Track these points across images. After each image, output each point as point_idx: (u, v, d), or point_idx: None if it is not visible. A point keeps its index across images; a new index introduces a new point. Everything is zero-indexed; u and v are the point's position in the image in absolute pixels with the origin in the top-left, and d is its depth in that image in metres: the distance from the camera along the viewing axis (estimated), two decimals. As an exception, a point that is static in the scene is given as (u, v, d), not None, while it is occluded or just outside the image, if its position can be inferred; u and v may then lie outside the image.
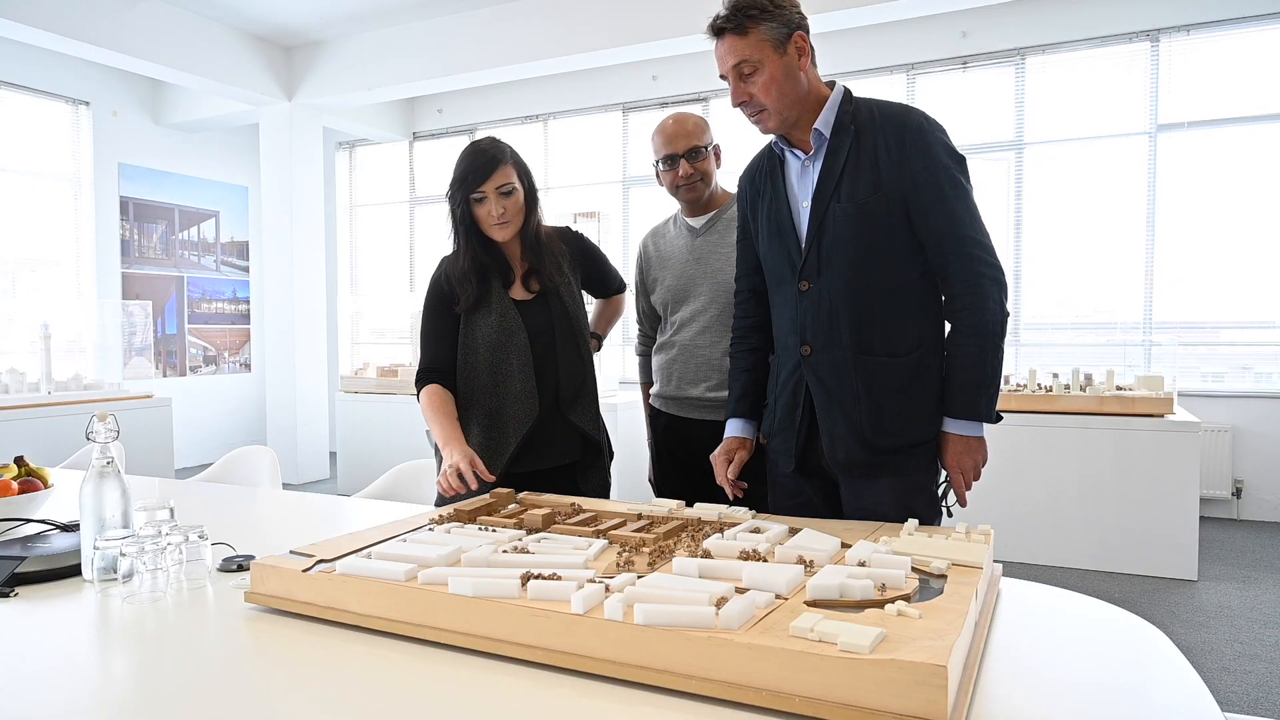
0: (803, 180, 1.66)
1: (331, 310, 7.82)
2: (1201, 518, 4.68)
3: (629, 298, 2.31)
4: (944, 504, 1.67)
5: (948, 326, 1.64)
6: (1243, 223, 5.19)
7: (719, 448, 1.83)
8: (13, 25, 4.91)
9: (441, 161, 7.75)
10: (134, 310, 6.97)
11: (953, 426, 1.60)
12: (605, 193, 7.02)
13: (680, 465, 2.21)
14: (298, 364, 6.70)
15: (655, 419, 2.26)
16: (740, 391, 1.85)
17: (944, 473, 1.65)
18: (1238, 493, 5.14)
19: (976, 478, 1.62)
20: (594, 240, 2.17)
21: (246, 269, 7.93)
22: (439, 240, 7.55)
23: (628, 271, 2.21)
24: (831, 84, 1.65)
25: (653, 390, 2.27)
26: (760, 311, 1.84)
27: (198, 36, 5.89)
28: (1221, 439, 5.10)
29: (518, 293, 1.95)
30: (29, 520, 1.66)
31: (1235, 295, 5.26)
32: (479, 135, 7.46)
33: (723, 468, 1.80)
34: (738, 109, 1.65)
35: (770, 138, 1.74)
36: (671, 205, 2.30)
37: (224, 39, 6.10)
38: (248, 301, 7.95)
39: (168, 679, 0.99)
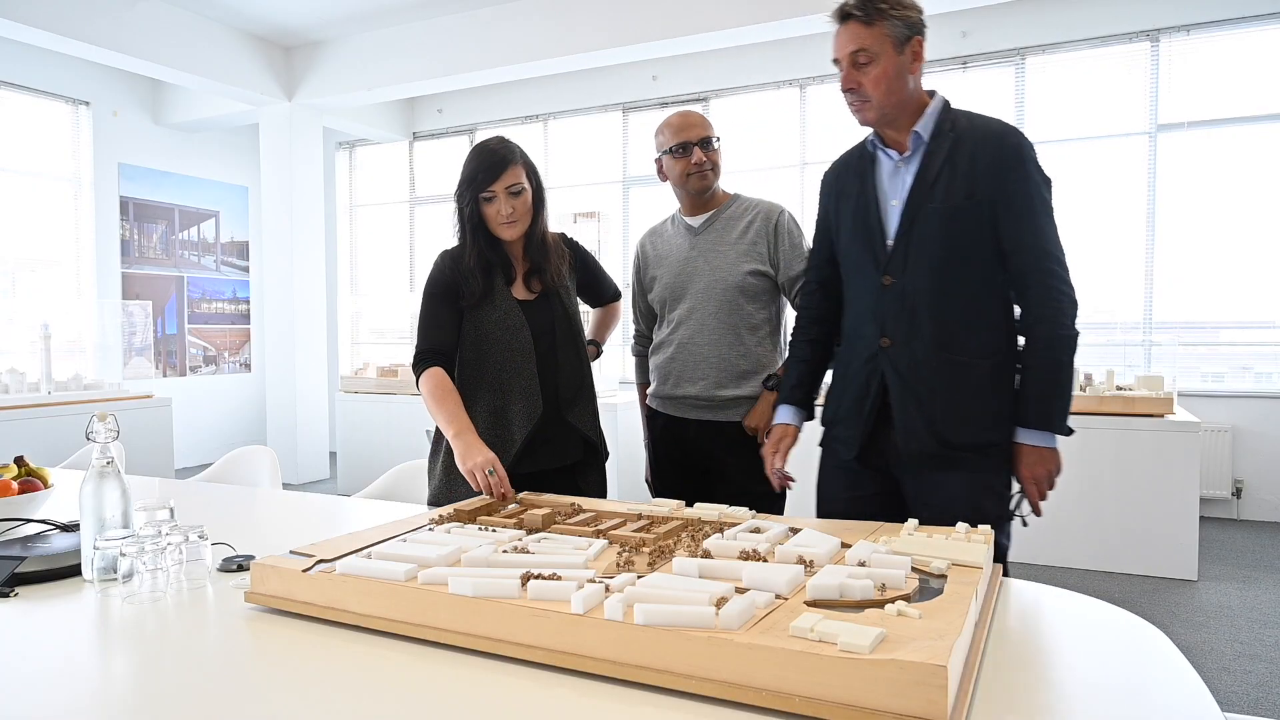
0: (894, 180, 1.72)
1: (331, 310, 7.82)
2: (1201, 518, 4.68)
3: (626, 298, 2.31)
4: (1018, 514, 1.70)
5: (1020, 340, 1.69)
6: (1243, 223, 5.19)
7: (769, 437, 1.88)
8: (13, 25, 4.91)
9: (441, 161, 7.75)
10: (134, 310, 6.97)
11: (1027, 437, 1.64)
12: (605, 193, 7.02)
13: (678, 465, 2.21)
14: (298, 364, 6.70)
15: (652, 419, 2.26)
16: (795, 380, 1.90)
17: (1016, 484, 1.67)
18: (1238, 493, 5.14)
19: (1051, 487, 1.65)
20: (593, 242, 2.18)
21: (246, 269, 7.93)
22: (439, 240, 7.56)
23: (628, 271, 2.21)
24: (932, 93, 1.72)
25: (650, 390, 2.27)
26: (825, 305, 1.88)
27: (198, 36, 5.89)
28: (1221, 439, 5.10)
29: (519, 292, 1.96)
30: (29, 520, 1.66)
31: (1235, 295, 5.25)
32: (479, 135, 7.48)
33: (772, 458, 1.85)
34: (845, 94, 1.70)
35: (864, 134, 1.79)
36: (670, 206, 2.31)
37: (224, 39, 6.10)
38: (248, 301, 7.95)
39: (168, 679, 0.99)
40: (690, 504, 1.55)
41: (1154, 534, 3.93)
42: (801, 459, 1.84)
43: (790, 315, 2.20)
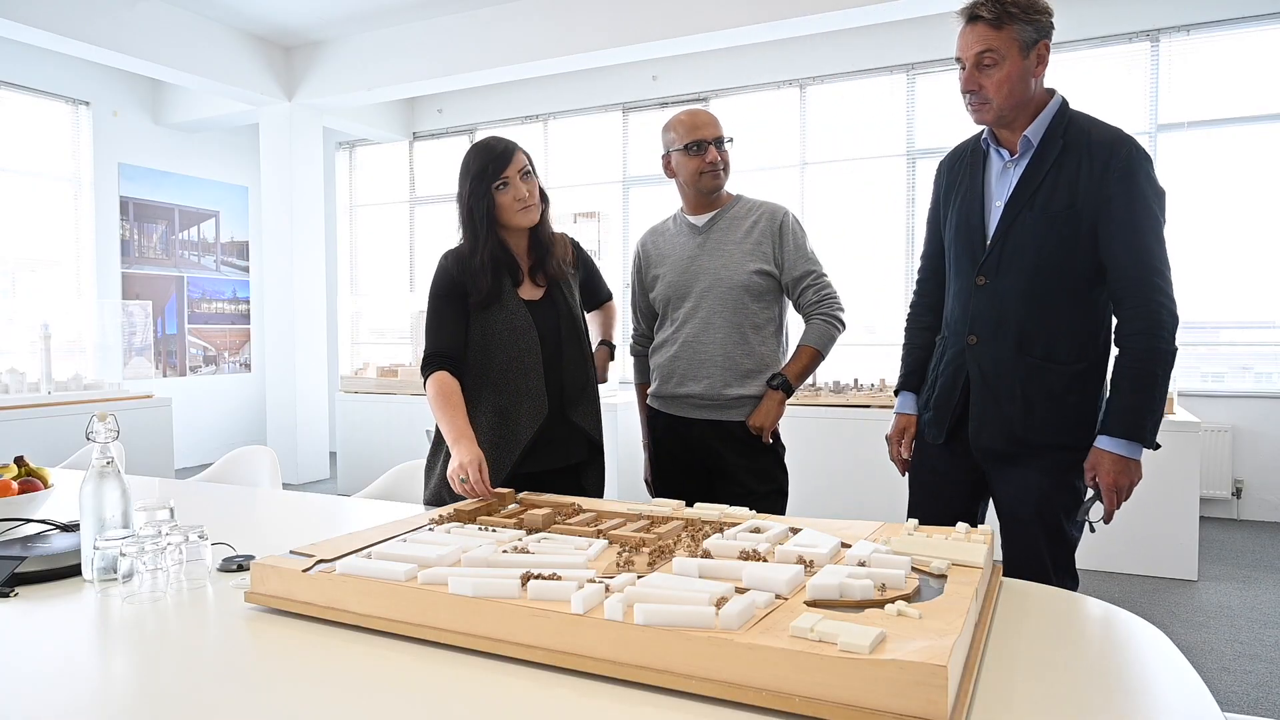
0: (1001, 180, 1.72)
1: (331, 310, 7.82)
2: (1201, 518, 4.68)
3: (625, 298, 2.31)
4: (1088, 519, 1.72)
5: (1114, 351, 1.69)
6: (1243, 223, 5.19)
7: (891, 426, 1.96)
8: (13, 25, 4.91)
9: (441, 161, 7.75)
10: (134, 310, 6.97)
11: (1112, 445, 1.63)
12: (605, 193, 7.01)
13: (680, 465, 2.20)
14: (298, 364, 6.70)
15: (654, 419, 2.26)
16: (911, 366, 1.95)
17: (1090, 490, 1.69)
18: (1238, 493, 5.14)
19: (1127, 497, 1.66)
20: (593, 242, 2.19)
21: (246, 269, 7.92)
22: (439, 240, 7.56)
23: (628, 270, 2.21)
24: (1051, 92, 1.71)
25: (651, 390, 2.26)
26: (936, 293, 1.91)
27: (198, 36, 5.89)
28: (1221, 439, 5.10)
29: (526, 292, 1.96)
30: (29, 520, 1.66)
31: (1235, 295, 5.25)
32: (479, 135, 7.47)
33: (896, 447, 1.95)
34: (964, 94, 1.69)
35: (979, 130, 1.80)
36: (670, 205, 2.31)
37: (224, 39, 6.10)
38: (248, 301, 7.95)
39: (168, 679, 0.99)
40: (691, 504, 1.55)
41: (1154, 534, 3.93)
42: (803, 458, 1.85)
43: (792, 315, 2.20)
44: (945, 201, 1.85)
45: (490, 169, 1.86)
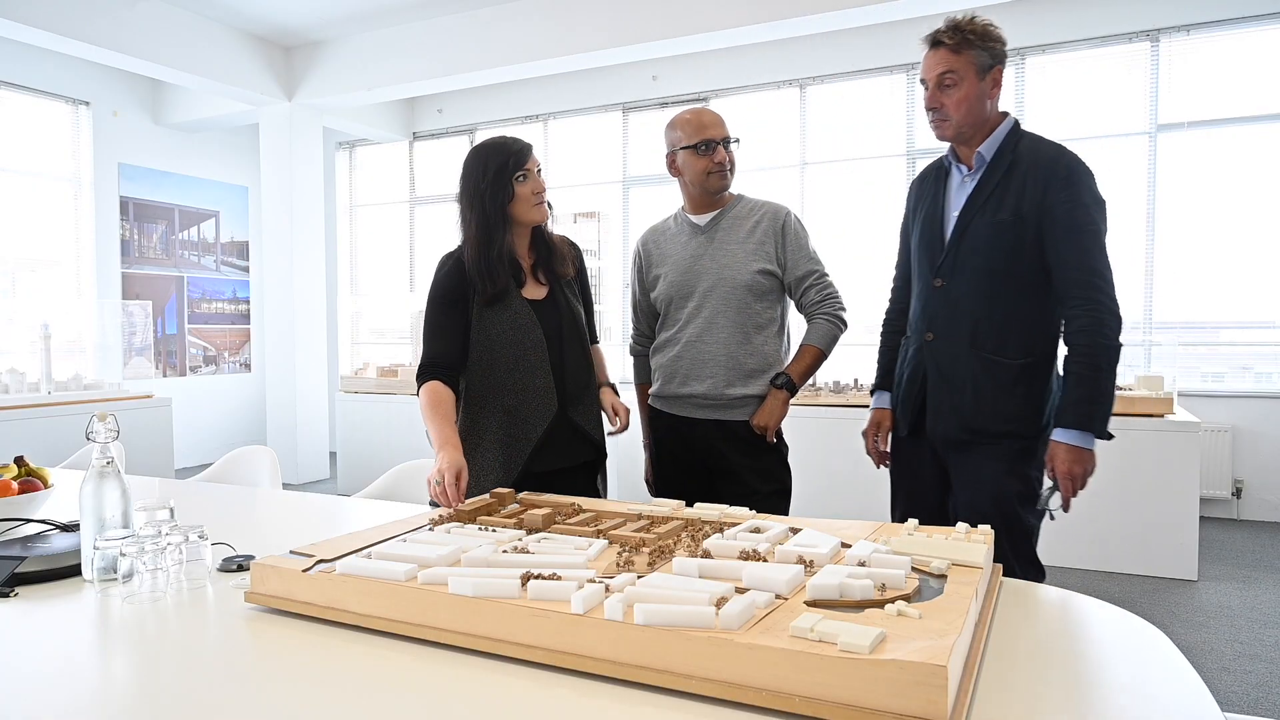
0: (959, 192, 1.92)
1: (331, 310, 7.82)
2: (1201, 518, 4.68)
3: (625, 299, 2.31)
4: (1047, 507, 1.84)
5: (1063, 349, 1.84)
6: (1243, 223, 5.19)
7: (867, 421, 2.11)
8: (13, 25, 4.91)
9: (441, 161, 7.75)
10: (134, 310, 6.97)
11: (1065, 436, 1.78)
12: (605, 193, 7.01)
13: (682, 465, 2.20)
14: (298, 364, 6.70)
15: (655, 419, 2.25)
16: (886, 366, 2.13)
17: (1049, 481, 1.82)
18: (1238, 493, 5.14)
19: (1083, 486, 1.79)
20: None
21: (246, 269, 7.92)
22: (439, 240, 7.56)
23: (627, 270, 2.21)
24: (1005, 114, 1.90)
25: (653, 390, 2.25)
26: (907, 299, 2.08)
27: (198, 36, 5.89)
28: (1221, 439, 5.10)
29: (529, 291, 1.96)
30: (29, 520, 1.66)
31: (1235, 295, 5.25)
32: (479, 135, 7.47)
33: (871, 440, 2.10)
34: (927, 112, 1.90)
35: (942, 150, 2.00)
36: (670, 204, 2.30)
37: (224, 39, 6.10)
38: (248, 301, 7.95)
39: (168, 679, 0.99)
40: (691, 504, 1.55)
41: (1154, 534, 3.93)
42: (804, 459, 1.86)
43: (795, 316, 2.21)
44: (913, 214, 2.03)
45: (512, 162, 1.87)
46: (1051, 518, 1.86)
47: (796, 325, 2.21)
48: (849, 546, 1.23)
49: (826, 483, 4.46)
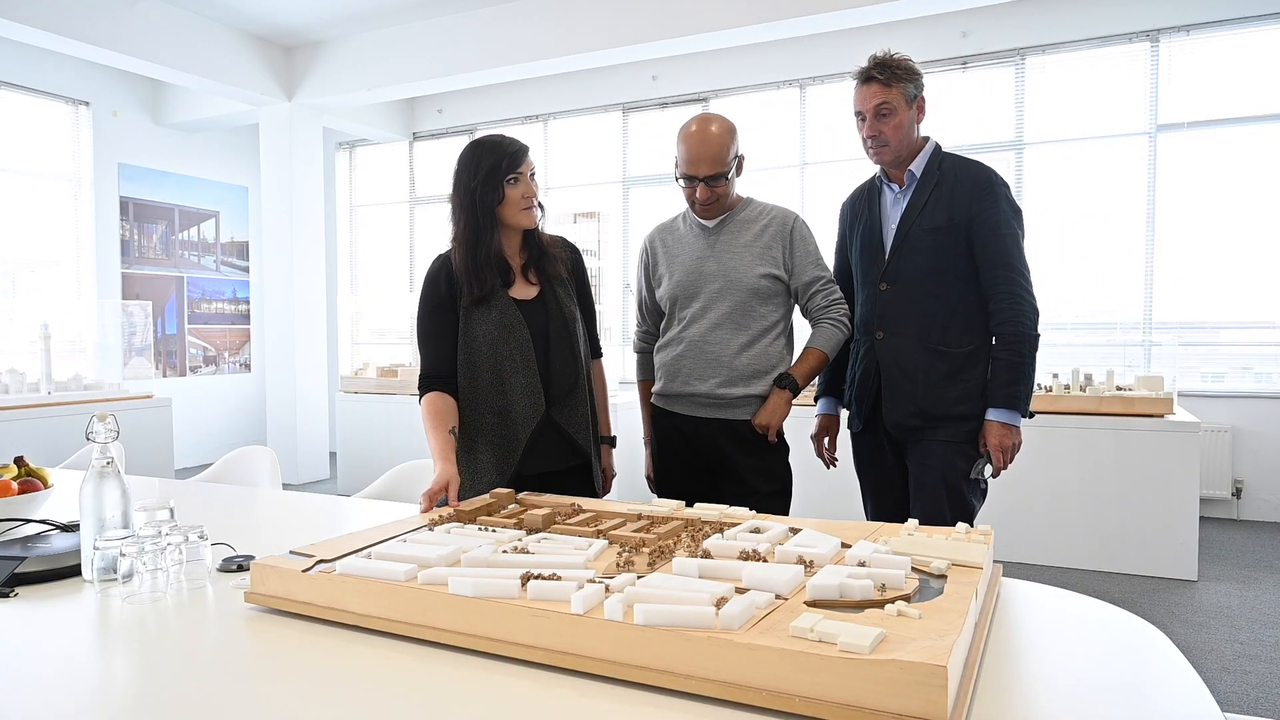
0: (894, 207, 2.17)
1: (331, 310, 7.82)
2: (1201, 518, 4.68)
3: (623, 298, 2.31)
4: (978, 476, 2.08)
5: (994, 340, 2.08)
6: (1243, 223, 5.19)
7: (816, 425, 2.38)
8: (13, 25, 4.91)
9: (441, 162, 7.75)
10: (134, 310, 6.97)
11: (996, 415, 2.05)
12: (605, 193, 7.01)
13: (684, 464, 2.20)
14: (298, 364, 6.70)
15: (657, 417, 2.25)
16: (830, 374, 2.36)
17: (982, 455, 2.08)
18: (1238, 493, 5.14)
19: (1011, 458, 2.06)
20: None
21: (246, 269, 7.92)
22: (439, 240, 7.55)
23: (629, 269, 2.22)
24: (926, 138, 2.16)
25: (656, 388, 2.25)
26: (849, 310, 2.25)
27: (198, 36, 5.89)
28: (1221, 439, 5.10)
29: (517, 291, 1.95)
30: (29, 520, 1.66)
31: (1235, 295, 5.25)
32: (479, 135, 7.46)
33: (820, 444, 2.37)
34: (866, 140, 2.12)
35: (875, 171, 2.24)
36: (671, 203, 2.30)
37: (224, 39, 6.10)
38: (248, 301, 7.95)
39: (168, 679, 0.99)
40: (691, 504, 1.55)
41: (1154, 534, 3.93)
42: (803, 459, 1.86)
43: (800, 320, 2.22)
44: (851, 231, 2.28)
45: (505, 164, 1.87)
46: (982, 485, 2.11)
47: (801, 330, 2.21)
48: (849, 547, 1.23)
49: (827, 483, 4.46)
